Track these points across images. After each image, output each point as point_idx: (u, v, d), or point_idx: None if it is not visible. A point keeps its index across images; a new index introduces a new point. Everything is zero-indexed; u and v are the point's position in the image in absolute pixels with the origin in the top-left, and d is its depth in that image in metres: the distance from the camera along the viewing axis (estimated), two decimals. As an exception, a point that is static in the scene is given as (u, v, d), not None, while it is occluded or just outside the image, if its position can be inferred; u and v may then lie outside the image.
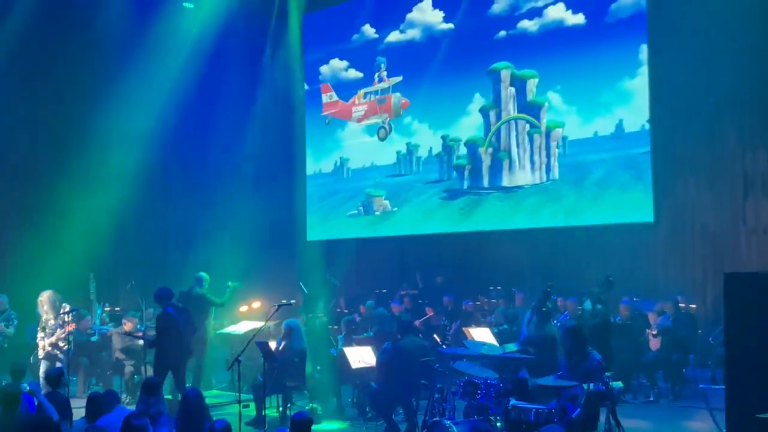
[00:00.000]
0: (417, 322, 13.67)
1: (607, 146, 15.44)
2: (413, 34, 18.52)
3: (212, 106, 19.88)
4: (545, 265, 14.99)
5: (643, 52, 14.97)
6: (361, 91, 19.26)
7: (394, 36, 18.83)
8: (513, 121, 16.79)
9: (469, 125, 17.51)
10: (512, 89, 16.79)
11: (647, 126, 14.91)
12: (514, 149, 16.76)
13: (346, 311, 15.92)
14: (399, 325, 11.27)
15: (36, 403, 8.63)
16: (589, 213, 15.43)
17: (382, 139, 18.88)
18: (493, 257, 16.44)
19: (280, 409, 11.51)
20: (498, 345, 10.66)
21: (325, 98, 19.92)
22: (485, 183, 17.17)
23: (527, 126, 16.54)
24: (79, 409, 8.83)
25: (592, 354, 8.64)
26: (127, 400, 12.53)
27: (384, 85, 18.83)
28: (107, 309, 16.03)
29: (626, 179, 15.10)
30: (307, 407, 11.25)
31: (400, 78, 18.51)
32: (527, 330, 10.70)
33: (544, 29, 16.30)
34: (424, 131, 18.36)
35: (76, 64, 17.65)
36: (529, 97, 16.54)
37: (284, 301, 11.95)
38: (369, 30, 19.34)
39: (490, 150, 17.11)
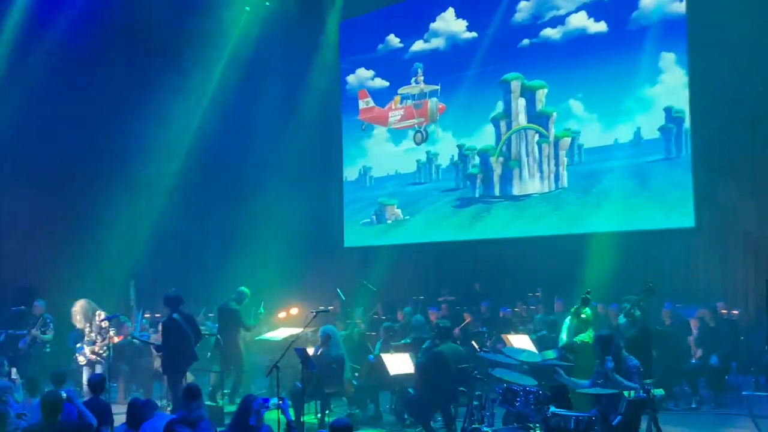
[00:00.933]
0: (456, 330, 13.63)
1: (636, 151, 15.52)
2: (437, 43, 18.74)
3: (251, 113, 20.02)
4: (584, 272, 14.86)
5: (664, 59, 15.04)
6: (398, 96, 19.30)
7: (418, 45, 19.05)
8: (523, 131, 17.20)
9: (489, 134, 17.75)
10: (522, 100, 17.21)
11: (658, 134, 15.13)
12: (524, 158, 17.16)
13: (384, 318, 15.90)
14: (437, 331, 11.24)
15: (76, 411, 8.73)
16: (629, 219, 15.29)
17: (418, 144, 18.93)
18: (532, 264, 16.36)
19: (319, 415, 11.54)
20: (537, 352, 10.59)
21: (361, 104, 20.01)
22: (496, 191, 17.63)
23: (536, 135, 16.91)
24: (119, 415, 8.92)
25: (628, 359, 8.54)
26: (169, 407, 12.60)
27: (421, 88, 18.84)
28: (147, 315, 16.19)
29: (666, 185, 14.97)
30: (345, 414, 11.26)
31: (437, 86, 18.52)
32: (566, 337, 10.62)
33: (567, 37, 16.48)
34: (447, 140, 18.61)
35: (117, 73, 17.88)
36: (539, 107, 16.94)
37: (322, 307, 11.97)
38: (394, 39, 19.56)
39: (501, 159, 17.53)
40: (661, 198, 15.02)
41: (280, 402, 7.54)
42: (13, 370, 11.74)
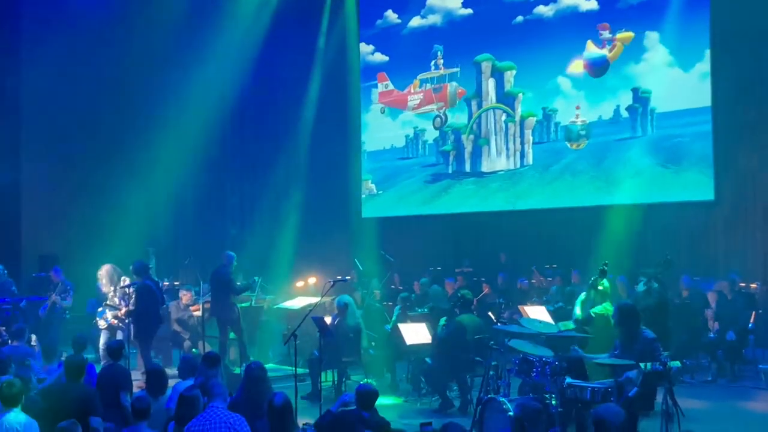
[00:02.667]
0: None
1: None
2: (434, 19, 18.89)
3: (269, 85, 19.99)
4: (603, 244, 14.83)
5: (648, 38, 15.32)
6: (417, 80, 19.14)
7: (416, 21, 19.19)
8: (492, 110, 17.90)
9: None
10: (492, 80, 17.89)
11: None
12: (492, 136, 17.86)
13: (401, 288, 15.97)
14: (460, 302, 11.28)
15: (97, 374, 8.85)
16: (649, 191, 15.22)
17: (437, 128, 18.81)
18: (550, 236, 16.33)
19: (336, 383, 11.64)
20: (553, 323, 10.61)
21: (380, 87, 19.87)
22: (467, 168, 18.29)
23: (504, 115, 17.62)
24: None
25: (645, 332, 8.54)
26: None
27: (441, 72, 18.73)
28: (166, 284, 16.30)
29: (687, 158, 14.88)
30: (362, 382, 11.33)
31: (458, 69, 18.41)
32: (582, 309, 10.62)
33: (559, 14, 16.71)
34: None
35: (136, 45, 17.88)
36: (507, 87, 17.60)
37: (339, 277, 12.02)
38: (392, 15, 19.65)
39: (472, 137, 18.20)
40: (681, 171, 14.93)
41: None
42: (33, 337, 11.87)
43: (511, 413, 7.81)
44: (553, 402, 8.19)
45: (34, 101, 17.27)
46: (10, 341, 10.47)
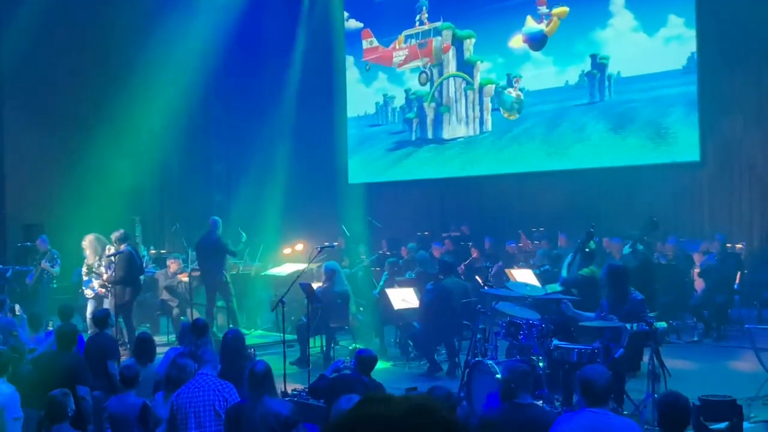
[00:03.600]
0: (461, 268, 13.70)
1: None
2: None
3: (253, 51, 19.83)
4: (589, 207, 14.88)
5: (614, 3, 15.49)
6: (402, 35, 19.03)
7: None
8: (452, 78, 18.24)
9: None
10: (453, 48, 18.22)
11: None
12: (453, 104, 18.29)
13: (388, 253, 15.98)
14: (441, 266, 11.31)
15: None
16: (634, 153, 15.24)
17: (422, 84, 18.72)
18: (536, 199, 16.37)
19: (324, 349, 11.67)
20: (540, 286, 10.65)
21: (365, 44, 19.74)
22: (429, 135, 18.71)
23: (464, 83, 18.00)
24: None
25: (634, 294, 8.58)
26: (176, 342, 12.73)
27: (425, 28, 18.61)
28: (153, 252, 16.26)
29: (672, 119, 14.89)
30: (350, 347, 11.38)
31: (441, 22, 18.29)
32: (569, 271, 10.65)
33: None
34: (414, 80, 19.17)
35: (118, 9, 17.70)
36: (466, 55, 17.96)
37: (326, 243, 12.01)
38: None
39: (433, 105, 18.60)
40: (666, 132, 14.94)
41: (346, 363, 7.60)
42: (17, 307, 11.82)
43: (498, 376, 7.85)
44: (540, 364, 8.24)
45: (15, 68, 17.06)
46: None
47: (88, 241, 13.03)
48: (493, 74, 17.60)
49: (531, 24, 16.23)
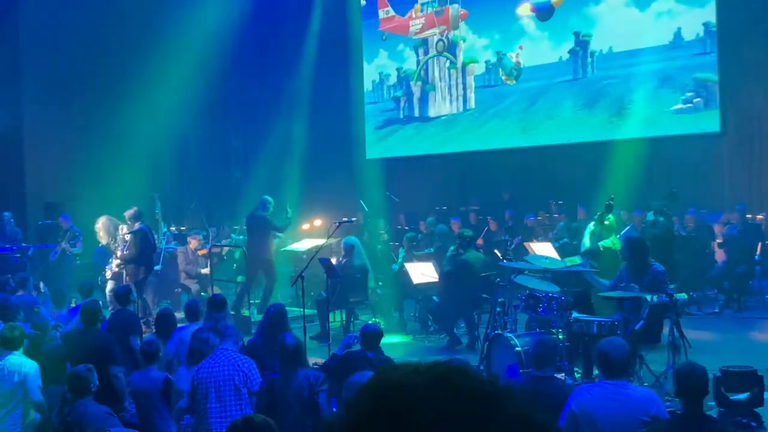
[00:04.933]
0: (479, 241, 13.70)
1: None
2: None
3: (269, 27, 19.76)
4: (608, 179, 14.79)
5: None
6: (418, 4, 18.90)
7: None
8: (437, 57, 18.68)
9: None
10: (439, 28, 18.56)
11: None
12: (437, 82, 18.66)
13: (407, 228, 15.98)
14: (460, 240, 11.30)
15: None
16: (653, 124, 15.13)
17: (440, 52, 18.60)
18: (555, 172, 16.27)
19: (344, 323, 11.73)
20: (560, 259, 10.63)
21: (381, 14, 19.62)
22: (416, 113, 19.09)
23: (447, 62, 18.43)
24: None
25: (654, 265, 8.55)
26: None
27: None
28: (172, 228, 16.34)
29: (692, 89, 14.76)
30: (370, 321, 11.41)
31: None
32: (589, 242, 10.63)
33: None
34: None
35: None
36: (451, 35, 18.34)
37: (345, 218, 12.03)
38: None
39: (419, 83, 19.03)
40: (685, 102, 14.82)
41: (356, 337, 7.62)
42: (41, 284, 11.95)
43: (518, 348, 7.87)
44: (560, 336, 8.25)
45: (34, 46, 17.13)
46: (18, 291, 10.54)
47: (101, 223, 13.13)
48: (489, 51, 17.74)
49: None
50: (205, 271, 13.68)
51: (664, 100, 15.14)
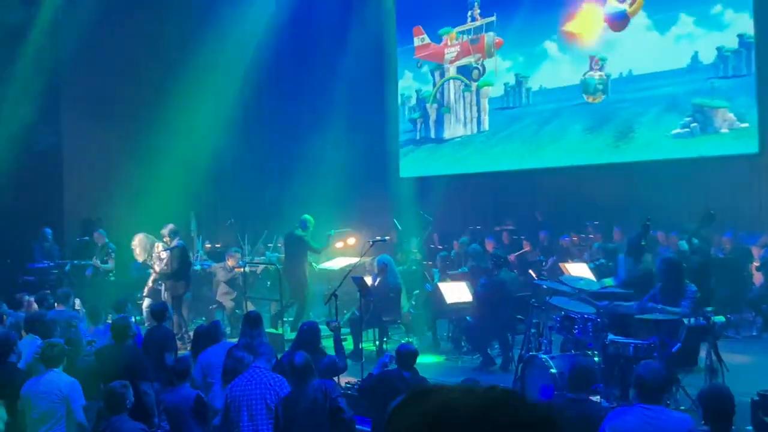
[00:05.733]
0: (512, 257, 13.66)
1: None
2: None
3: (305, 45, 19.91)
4: (645, 200, 14.68)
5: None
6: (453, 32, 18.89)
7: None
8: (453, 80, 19.08)
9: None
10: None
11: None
12: (453, 104, 19.09)
13: (440, 247, 15.95)
14: (493, 260, 11.26)
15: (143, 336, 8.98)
16: (691, 145, 14.99)
17: (475, 80, 18.56)
18: (590, 192, 16.16)
19: (377, 342, 11.70)
20: (595, 280, 10.55)
21: (417, 41, 19.62)
22: (432, 134, 19.49)
23: (462, 85, 18.79)
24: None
25: (689, 286, 8.46)
26: (230, 334, 12.88)
27: (477, 23, 18.42)
28: (207, 246, 16.46)
29: (731, 109, 14.61)
30: (403, 341, 11.39)
31: (493, 17, 18.09)
32: (624, 272, 10.51)
33: None
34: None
35: (173, 4, 17.91)
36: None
37: (378, 237, 12.03)
38: None
39: (435, 105, 19.39)
40: (724, 123, 14.67)
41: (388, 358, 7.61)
42: (77, 301, 12.07)
43: (553, 370, 7.80)
44: (596, 359, 8.17)
45: (73, 65, 17.38)
46: (56, 305, 10.65)
47: (137, 240, 13.28)
48: (511, 73, 17.84)
49: (613, 3, 15.97)
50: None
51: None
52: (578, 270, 11.63)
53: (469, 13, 18.56)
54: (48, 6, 17.12)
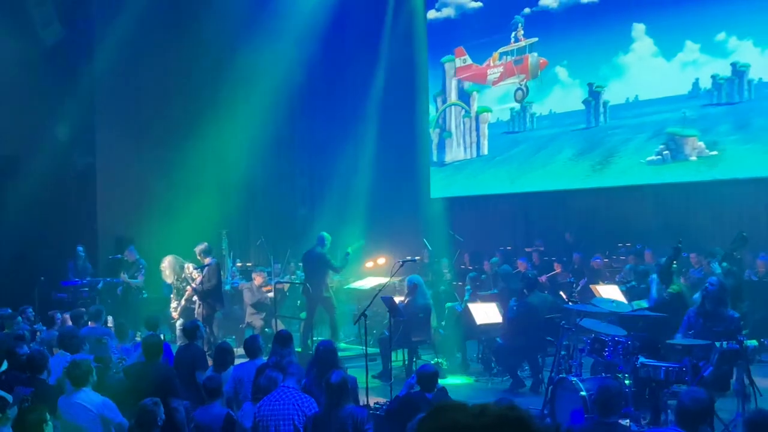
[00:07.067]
0: (542, 278, 13.60)
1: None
2: (448, 12, 19.74)
3: (337, 64, 20.04)
4: (677, 222, 14.58)
5: (636, 29, 15.89)
6: (496, 53, 18.81)
7: (431, 14, 20.01)
8: (453, 106, 19.81)
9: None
10: (455, 80, 19.69)
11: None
12: (454, 129, 19.77)
13: (470, 268, 15.92)
14: (525, 282, 11.22)
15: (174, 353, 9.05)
16: (724, 167, 14.87)
17: (519, 101, 18.36)
18: (622, 214, 16.08)
19: (406, 362, 11.69)
20: (626, 302, 10.47)
21: (458, 62, 19.50)
22: (434, 158, 20.16)
23: (462, 111, 19.44)
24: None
25: (730, 312, 8.40)
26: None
27: (521, 44, 18.29)
28: (239, 264, 16.55)
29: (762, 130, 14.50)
30: (432, 362, 11.36)
31: (536, 39, 18.02)
32: (656, 296, 10.41)
33: (563, 6, 17.34)
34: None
35: (205, 24, 18.13)
36: (465, 86, 19.41)
37: (408, 257, 12.03)
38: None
39: (437, 130, 20.14)
40: (757, 144, 14.54)
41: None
42: (109, 318, 12.19)
43: (583, 393, 7.76)
44: (627, 382, 8.11)
45: (108, 85, 17.61)
46: (89, 323, 10.76)
47: (167, 263, 13.39)
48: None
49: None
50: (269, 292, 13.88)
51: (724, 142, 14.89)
52: (609, 292, 11.56)
53: (513, 34, 18.39)
54: (84, 27, 17.42)
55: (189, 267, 13.08)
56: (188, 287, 12.96)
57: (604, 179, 16.44)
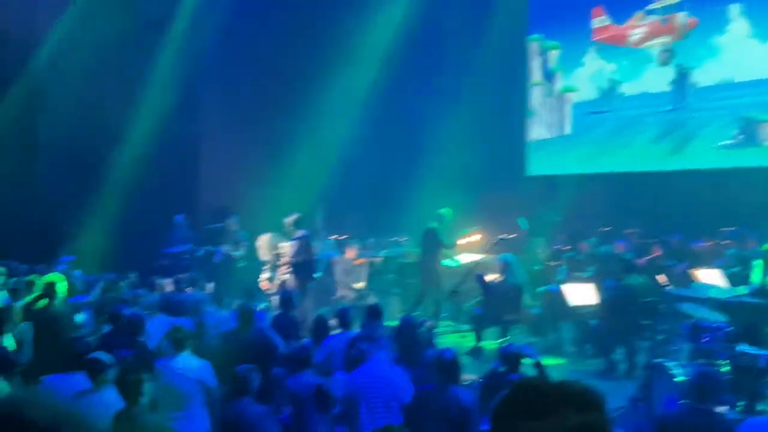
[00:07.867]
0: (641, 261, 13.30)
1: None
2: None
3: (435, 41, 19.92)
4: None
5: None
6: (641, 12, 17.60)
7: None
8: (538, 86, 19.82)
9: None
10: (540, 58, 19.68)
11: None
12: (537, 108, 19.83)
13: (567, 248, 15.67)
14: (622, 264, 11.00)
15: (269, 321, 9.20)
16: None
17: (664, 64, 17.18)
18: (726, 197, 15.55)
19: (499, 340, 11.62)
20: (728, 288, 10.17)
21: (596, 23, 18.50)
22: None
23: (545, 89, 19.53)
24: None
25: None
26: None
27: (670, 1, 16.95)
28: (333, 237, 16.70)
29: None
30: (525, 341, 11.27)
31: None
32: (757, 278, 10.10)
33: None
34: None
35: (309, 3, 18.30)
36: (550, 65, 19.29)
37: (504, 235, 11.93)
38: None
39: None
40: None
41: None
42: (209, 285, 12.47)
43: (679, 379, 7.57)
44: (724, 369, 7.88)
45: (211, 57, 17.95)
46: (187, 288, 11.04)
47: (263, 241, 13.62)
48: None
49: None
50: (360, 285, 13.85)
51: None
52: (710, 277, 11.23)
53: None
54: (188, 1, 17.77)
55: (283, 245, 13.28)
56: (282, 259, 13.15)
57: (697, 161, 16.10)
